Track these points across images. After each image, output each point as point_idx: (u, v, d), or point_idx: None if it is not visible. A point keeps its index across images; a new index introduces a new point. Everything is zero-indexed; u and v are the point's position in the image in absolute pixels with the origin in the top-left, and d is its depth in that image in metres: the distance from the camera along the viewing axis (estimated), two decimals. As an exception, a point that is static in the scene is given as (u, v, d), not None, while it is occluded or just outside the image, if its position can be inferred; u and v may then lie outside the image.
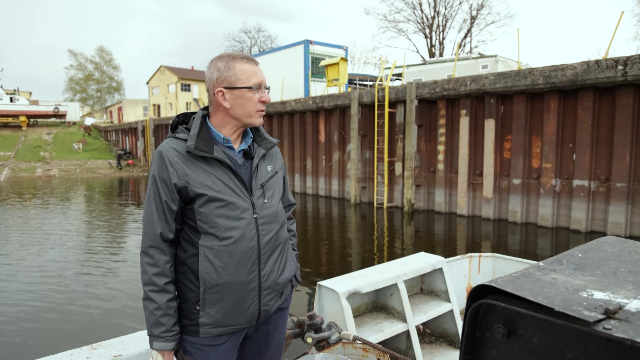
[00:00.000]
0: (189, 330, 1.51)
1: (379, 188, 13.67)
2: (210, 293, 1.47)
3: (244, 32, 58.37)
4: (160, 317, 1.44)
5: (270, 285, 1.57)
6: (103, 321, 5.39)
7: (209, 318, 1.49)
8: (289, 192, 1.85)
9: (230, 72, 1.49)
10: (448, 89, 11.48)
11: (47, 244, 9.42)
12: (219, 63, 1.51)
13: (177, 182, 1.45)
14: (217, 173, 1.48)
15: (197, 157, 1.47)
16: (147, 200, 1.50)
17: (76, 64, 57.56)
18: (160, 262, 1.46)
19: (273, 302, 1.60)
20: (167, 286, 1.46)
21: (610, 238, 1.09)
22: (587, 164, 9.37)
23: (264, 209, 1.56)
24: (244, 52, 20.74)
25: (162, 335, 1.45)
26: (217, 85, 1.51)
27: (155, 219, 1.46)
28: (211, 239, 1.47)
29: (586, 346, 0.64)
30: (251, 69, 1.51)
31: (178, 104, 43.85)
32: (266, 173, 1.62)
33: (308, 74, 20.98)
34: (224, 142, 1.55)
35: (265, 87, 1.55)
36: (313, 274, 7.19)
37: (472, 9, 36.83)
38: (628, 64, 8.38)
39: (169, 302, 1.46)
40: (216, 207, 1.46)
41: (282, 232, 1.65)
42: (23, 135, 39.01)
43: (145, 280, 1.46)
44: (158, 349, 1.46)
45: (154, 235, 1.46)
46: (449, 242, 9.49)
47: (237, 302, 1.50)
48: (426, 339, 3.20)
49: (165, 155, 1.46)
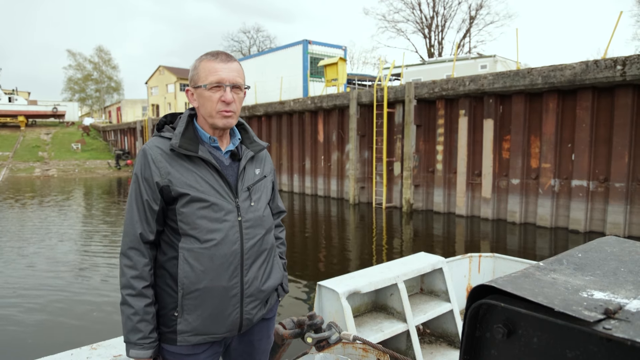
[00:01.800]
0: (167, 338, 1.44)
1: (378, 188, 13.67)
2: (188, 298, 1.41)
3: (243, 32, 58.46)
4: (137, 323, 1.38)
5: (253, 292, 1.50)
6: (103, 321, 5.38)
7: (187, 325, 1.42)
8: (279, 199, 1.80)
9: (195, 71, 1.47)
10: (447, 89, 11.49)
11: (47, 244, 9.40)
12: (194, 62, 1.50)
13: (159, 181, 1.40)
14: (201, 173, 1.44)
15: (181, 156, 1.43)
16: (129, 200, 1.45)
17: (75, 64, 57.55)
18: (139, 264, 1.40)
19: (256, 310, 1.53)
20: (145, 290, 1.40)
21: (610, 238, 1.09)
22: (586, 164, 9.39)
23: (249, 212, 1.50)
24: (242, 53, 20.57)
25: (138, 342, 1.38)
26: (189, 85, 1.52)
27: (136, 219, 1.41)
28: (192, 241, 1.41)
29: (586, 346, 0.64)
30: (212, 66, 1.43)
31: (177, 104, 43.81)
32: (254, 176, 1.57)
33: (307, 74, 20.97)
34: (210, 142, 1.51)
35: (232, 85, 1.44)
36: (313, 274, 7.19)
37: (471, 9, 36.92)
38: (627, 64, 8.39)
39: (147, 307, 1.39)
40: (199, 208, 1.41)
41: (268, 238, 1.59)
42: (21, 135, 38.94)
43: (123, 283, 1.40)
44: (135, 356, 1.40)
45: (134, 236, 1.41)
46: (448, 242, 9.50)
47: (217, 309, 1.43)
48: (426, 339, 3.20)
49: (148, 153, 1.42)
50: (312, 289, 6.28)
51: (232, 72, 1.45)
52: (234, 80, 1.45)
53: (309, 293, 6.22)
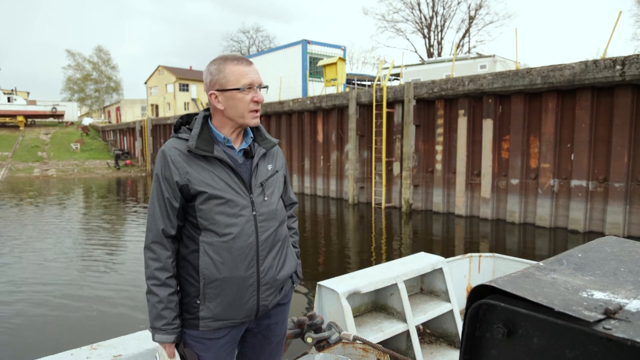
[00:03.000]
0: (190, 323, 1.55)
1: (377, 188, 13.68)
2: (209, 287, 1.52)
3: (243, 32, 58.40)
4: (162, 311, 1.49)
5: (269, 281, 1.60)
6: (103, 321, 5.38)
7: (208, 312, 1.53)
8: (291, 191, 1.88)
9: (220, 75, 1.54)
10: (446, 88, 11.50)
11: (46, 244, 9.39)
12: (211, 67, 1.56)
13: (178, 180, 1.50)
14: (217, 172, 1.53)
15: (198, 156, 1.52)
16: (151, 198, 1.56)
17: (74, 64, 57.49)
18: (162, 257, 1.51)
19: (272, 297, 1.63)
20: (168, 280, 1.51)
21: (610, 238, 1.09)
22: (585, 164, 9.39)
23: (263, 206, 1.60)
24: (241, 52, 20.61)
25: (163, 327, 1.49)
26: (210, 89, 1.57)
27: (158, 216, 1.52)
28: (211, 235, 1.51)
29: (586, 346, 0.64)
30: (241, 70, 1.54)
31: (176, 104, 43.79)
32: (266, 172, 1.66)
33: (306, 74, 20.98)
34: (225, 142, 1.60)
35: (259, 86, 1.57)
36: (313, 274, 7.19)
37: (470, 9, 36.91)
38: (626, 63, 8.40)
39: (170, 296, 1.50)
40: (216, 205, 1.51)
41: (282, 230, 1.69)
42: (20, 136, 38.91)
43: (148, 274, 1.51)
44: (159, 341, 1.51)
45: (157, 231, 1.52)
46: (447, 242, 9.50)
47: (235, 296, 1.54)
48: (426, 339, 3.20)
49: (167, 154, 1.52)
50: (312, 289, 6.28)
51: (258, 74, 1.58)
52: (260, 80, 1.59)
53: (309, 293, 6.22)
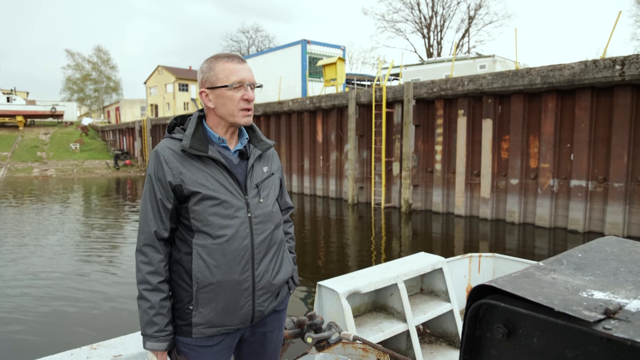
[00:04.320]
0: (182, 330, 1.50)
1: (377, 188, 13.68)
2: (203, 292, 1.47)
3: (242, 32, 58.30)
4: (154, 317, 1.44)
5: (265, 285, 1.56)
6: (103, 321, 5.38)
7: (201, 318, 1.48)
8: (287, 195, 1.85)
9: (211, 73, 1.51)
10: (446, 88, 11.50)
11: (46, 244, 9.39)
12: (203, 65, 1.54)
13: (171, 181, 1.46)
14: (212, 172, 1.50)
15: (192, 156, 1.49)
16: (143, 199, 1.52)
17: (73, 64, 57.44)
18: (154, 260, 1.46)
19: (267, 303, 1.59)
20: (160, 285, 1.46)
21: (610, 238, 1.09)
22: (585, 164, 9.40)
23: (258, 208, 1.56)
24: (241, 52, 20.61)
25: (155, 334, 1.44)
26: (201, 87, 1.55)
27: (150, 217, 1.48)
28: (204, 237, 1.47)
29: (586, 346, 0.64)
30: (231, 67, 1.50)
31: (176, 104, 43.76)
32: (262, 173, 1.63)
33: (305, 74, 20.97)
34: (220, 142, 1.57)
35: (252, 85, 1.53)
36: (313, 274, 7.19)
37: (470, 9, 36.85)
38: (626, 63, 8.40)
39: (163, 302, 1.45)
40: (210, 206, 1.47)
41: (277, 233, 1.65)
42: (20, 135, 38.88)
43: (140, 278, 1.46)
44: (150, 349, 1.46)
45: (149, 234, 1.47)
46: (447, 243, 9.50)
47: (230, 301, 1.49)
48: (426, 339, 3.20)
49: (160, 154, 1.48)
50: (312, 289, 6.28)
51: (249, 72, 1.54)
52: (252, 79, 1.55)
53: (309, 293, 6.22)
